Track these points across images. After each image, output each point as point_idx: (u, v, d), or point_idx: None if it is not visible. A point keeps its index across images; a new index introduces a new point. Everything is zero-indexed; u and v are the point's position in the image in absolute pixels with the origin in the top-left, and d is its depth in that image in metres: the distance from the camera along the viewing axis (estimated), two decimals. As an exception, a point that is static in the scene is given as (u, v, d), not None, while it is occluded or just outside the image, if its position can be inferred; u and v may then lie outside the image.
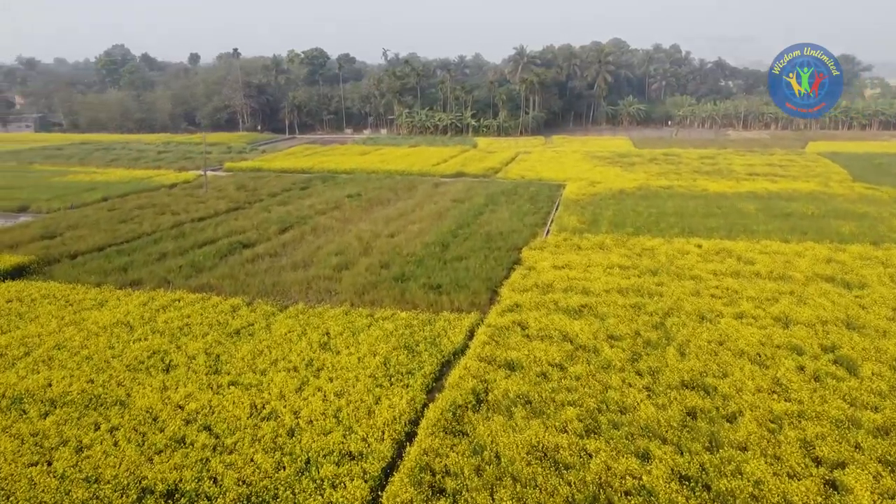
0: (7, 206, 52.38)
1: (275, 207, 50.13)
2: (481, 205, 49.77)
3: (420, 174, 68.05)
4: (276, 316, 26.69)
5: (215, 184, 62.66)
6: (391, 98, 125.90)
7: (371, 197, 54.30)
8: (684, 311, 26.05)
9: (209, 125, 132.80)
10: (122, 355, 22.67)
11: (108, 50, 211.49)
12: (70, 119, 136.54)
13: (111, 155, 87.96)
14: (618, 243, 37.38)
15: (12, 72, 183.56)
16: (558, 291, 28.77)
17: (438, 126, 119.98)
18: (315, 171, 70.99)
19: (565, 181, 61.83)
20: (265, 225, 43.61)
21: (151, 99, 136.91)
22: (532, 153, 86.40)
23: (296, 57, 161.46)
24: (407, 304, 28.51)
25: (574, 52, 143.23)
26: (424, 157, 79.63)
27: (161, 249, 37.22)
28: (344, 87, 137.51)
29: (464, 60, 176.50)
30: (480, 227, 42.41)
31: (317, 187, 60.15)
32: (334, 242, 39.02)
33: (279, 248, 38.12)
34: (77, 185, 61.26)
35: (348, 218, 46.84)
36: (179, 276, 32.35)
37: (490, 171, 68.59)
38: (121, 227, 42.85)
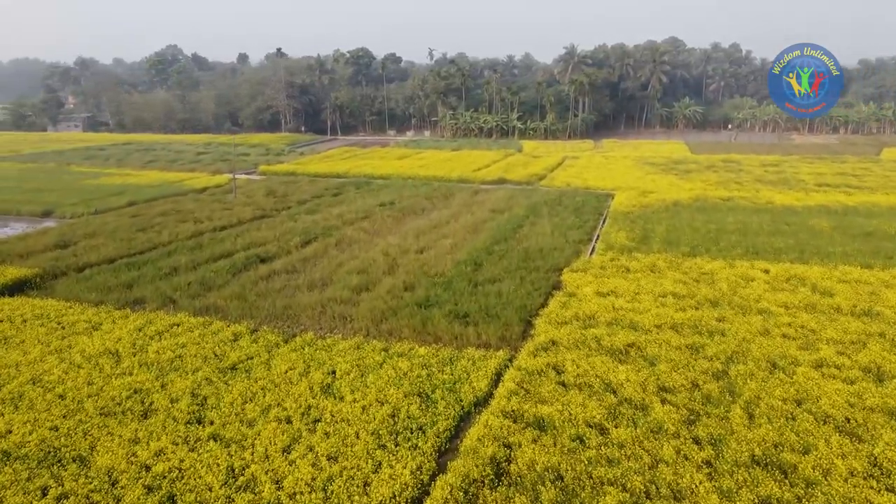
0: (32, 211, 51.47)
1: (302, 216, 47.74)
2: (521, 216, 46.33)
3: (459, 180, 64.93)
4: (279, 348, 23.93)
5: (246, 189, 60.86)
6: (435, 99, 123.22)
7: (404, 206, 51.42)
8: (751, 357, 22.20)
9: (252, 126, 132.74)
10: (99, 394, 20.20)
11: (160, 50, 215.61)
12: (116, 119, 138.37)
13: (149, 156, 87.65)
14: (671, 265, 33.51)
15: (67, 72, 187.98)
16: (602, 325, 25.23)
17: (483, 128, 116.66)
18: (350, 175, 68.64)
19: (614, 190, 57.82)
20: (287, 236, 41.15)
21: (196, 99, 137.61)
22: (580, 158, 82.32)
23: (341, 57, 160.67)
24: (428, 335, 25.42)
25: (627, 51, 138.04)
26: (465, 162, 76.52)
27: (173, 263, 35.06)
28: (388, 88, 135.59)
29: (513, 60, 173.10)
30: (518, 243, 39.02)
31: (349, 194, 57.64)
32: (358, 258, 36.21)
33: (298, 264, 35.52)
34: (107, 189, 60.29)
35: (377, 230, 44.05)
36: (185, 295, 30.00)
37: (534, 177, 65.00)
38: (138, 237, 41.03)
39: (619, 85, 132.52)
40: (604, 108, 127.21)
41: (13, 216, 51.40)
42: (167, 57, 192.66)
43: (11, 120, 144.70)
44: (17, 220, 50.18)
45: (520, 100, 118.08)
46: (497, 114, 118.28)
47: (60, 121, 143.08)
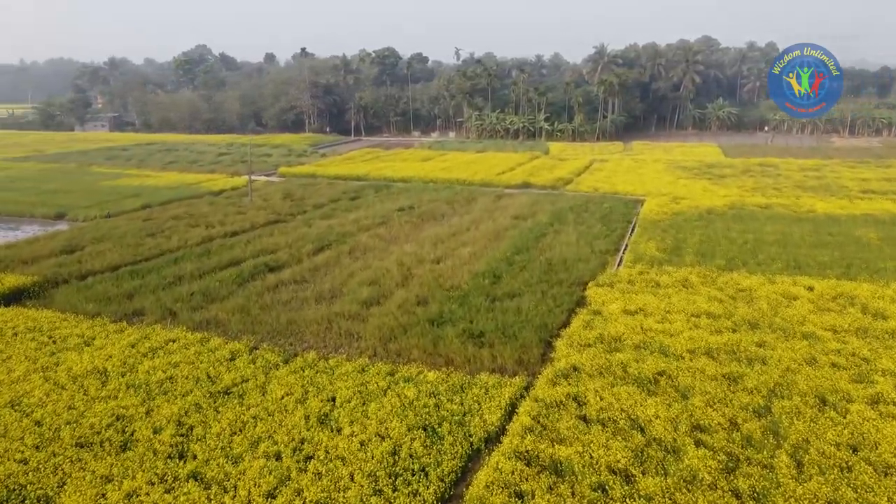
0: (46, 213, 50.82)
1: (317, 221, 46.26)
2: (545, 224, 44.24)
3: (482, 184, 63.00)
4: (278, 369, 22.30)
5: (263, 191, 59.67)
6: (461, 99, 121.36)
7: (424, 211, 49.66)
8: (797, 390, 19.95)
9: (276, 126, 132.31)
10: (79, 421, 18.74)
11: (189, 50, 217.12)
12: (142, 119, 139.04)
13: (171, 157, 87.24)
14: (706, 280, 31.21)
15: (96, 72, 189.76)
16: (629, 349, 23.14)
17: (509, 130, 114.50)
18: (371, 178, 67.13)
19: (644, 196, 55.38)
20: (300, 243, 39.65)
21: (221, 99, 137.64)
22: (608, 161, 79.77)
23: (367, 56, 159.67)
24: (439, 357, 23.59)
25: (659, 50, 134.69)
26: (490, 165, 74.53)
27: (178, 271, 33.73)
28: (413, 88, 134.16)
29: (541, 60, 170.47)
30: (541, 253, 36.99)
31: (367, 198, 56.08)
32: (371, 268, 34.51)
33: (308, 274, 33.95)
34: (124, 191, 59.57)
35: (394, 236, 42.35)
36: (186, 308, 28.58)
37: (560, 182, 62.78)
38: (146, 242, 39.87)
39: (649, 85, 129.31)
40: (634, 110, 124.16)
41: (27, 218, 50.83)
42: (195, 57, 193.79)
43: (40, 120, 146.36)
44: (31, 223, 49.57)
45: (547, 100, 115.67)
46: (524, 115, 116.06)
47: (87, 120, 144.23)
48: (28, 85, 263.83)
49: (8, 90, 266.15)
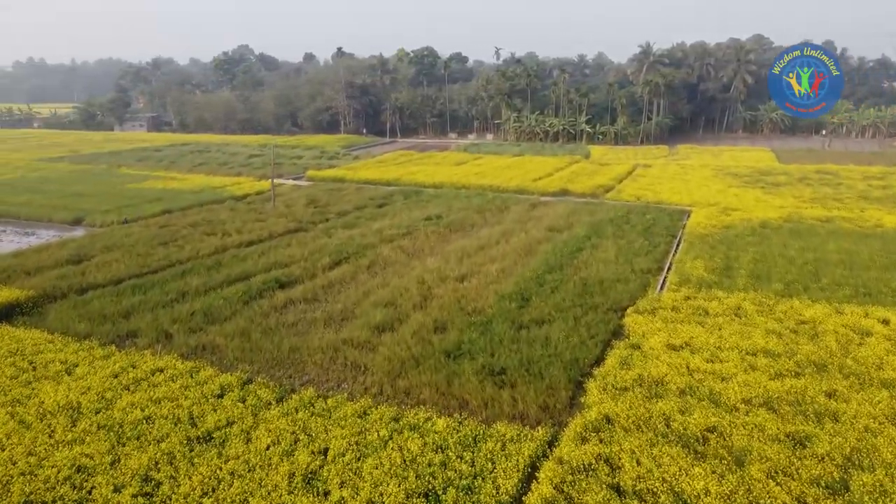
0: (64, 218, 49.77)
1: (338, 231, 43.96)
2: (582, 237, 41.06)
3: (517, 191, 59.97)
4: (269, 409, 19.85)
5: (287, 196, 57.78)
6: (499, 100, 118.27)
7: (452, 220, 46.95)
8: (880, 460, 16.61)
9: (311, 127, 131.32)
10: (34, 472, 16.56)
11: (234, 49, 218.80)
12: (179, 119, 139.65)
13: (201, 158, 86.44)
14: (761, 309, 27.77)
15: (139, 72, 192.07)
16: (672, 395, 20.03)
17: (549, 132, 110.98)
18: (400, 183, 64.73)
19: (691, 206, 51.68)
20: (316, 256, 37.34)
21: (257, 99, 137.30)
22: (652, 167, 75.81)
23: (405, 56, 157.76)
24: (452, 398, 20.88)
25: (708, 49, 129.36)
26: (526, 170, 71.40)
27: (183, 286, 31.72)
28: (451, 89, 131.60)
29: (584, 60, 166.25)
30: (576, 272, 33.92)
31: (395, 205, 53.62)
32: (389, 286, 31.95)
33: (320, 291, 31.59)
34: (146, 194, 58.37)
35: (418, 249, 39.77)
36: (184, 329, 26.45)
37: (600, 189, 59.36)
38: (156, 252, 38.08)
39: (697, 86, 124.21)
40: (680, 111, 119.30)
41: (44, 223, 49.86)
42: (235, 57, 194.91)
43: (81, 119, 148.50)
44: (47, 228, 48.53)
45: (589, 102, 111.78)
46: (564, 117, 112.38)
47: (127, 120, 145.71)
48: (77, 85, 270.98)
49: (58, 89, 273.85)
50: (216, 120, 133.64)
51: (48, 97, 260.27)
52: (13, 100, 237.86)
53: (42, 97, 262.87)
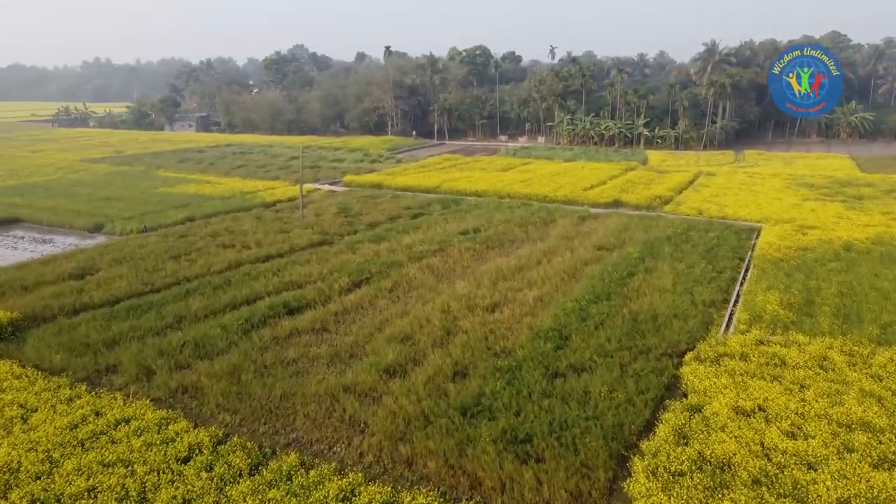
0: (85, 225, 48.02)
1: (364, 245, 40.61)
2: (635, 259, 36.58)
3: (565, 201, 55.58)
4: (238, 482, 16.50)
5: (318, 204, 54.91)
6: (552, 102, 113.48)
7: (490, 235, 43.06)
8: None
9: (358, 128, 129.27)
10: (-67, 565, 13.55)
11: (289, 49, 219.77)
12: (227, 119, 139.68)
13: (241, 160, 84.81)
14: (853, 360, 23.03)
15: (194, 72, 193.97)
16: (742, 488, 15.77)
17: (604, 136, 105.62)
18: (441, 191, 61.14)
19: (761, 222, 46.42)
20: (335, 275, 34.03)
21: (304, 99, 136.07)
22: (716, 176, 70.10)
23: (457, 55, 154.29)
24: (464, 474, 17.11)
25: (779, 47, 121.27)
26: (577, 177, 66.78)
27: (183, 309, 28.84)
28: (502, 89, 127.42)
29: (644, 59, 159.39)
30: (626, 302, 29.62)
31: (431, 216, 50.00)
32: (409, 316, 28.35)
33: (331, 320, 28.22)
34: (175, 199, 56.43)
35: (449, 269, 36.07)
36: (168, 366, 23.44)
37: (657, 201, 54.42)
38: (165, 267, 35.45)
39: (767, 87, 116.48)
40: (748, 114, 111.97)
41: (65, 229, 48.27)
42: (287, 57, 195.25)
43: (133, 119, 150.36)
44: (67, 235, 46.88)
45: (648, 103, 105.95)
46: (621, 119, 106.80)
47: (176, 120, 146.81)
48: (138, 84, 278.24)
49: (120, 89, 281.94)
50: (262, 120, 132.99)
51: (111, 96, 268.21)
52: (78, 99, 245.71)
53: (105, 96, 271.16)
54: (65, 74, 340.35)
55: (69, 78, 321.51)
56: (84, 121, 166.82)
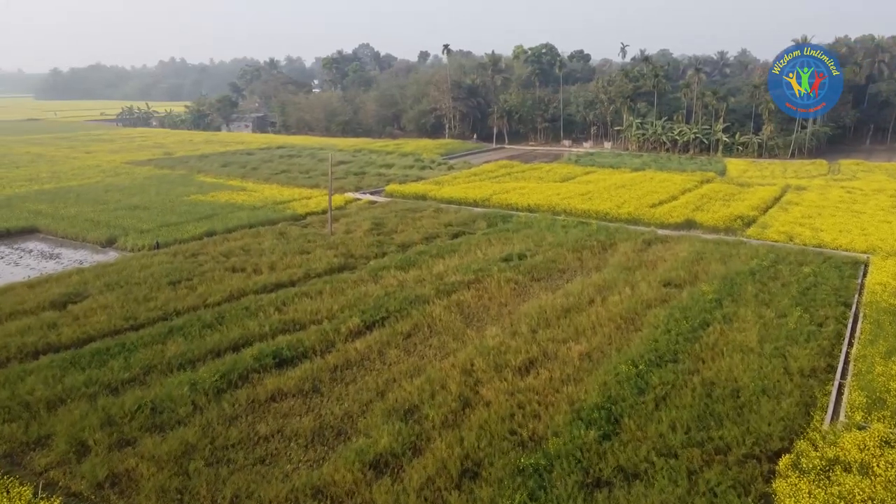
0: (98, 238, 45.03)
1: (390, 273, 35.62)
2: (710, 301, 30.24)
3: (629, 220, 49.21)
4: None
5: (352, 218, 50.37)
6: (620, 104, 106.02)
7: (538, 262, 37.40)
8: None
9: (414, 130, 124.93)
10: None
11: (355, 48, 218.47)
12: (282, 120, 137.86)
13: (286, 165, 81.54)
14: None
15: (258, 71, 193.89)
16: None
17: (677, 142, 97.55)
18: (489, 204, 55.68)
19: (867, 253, 39.13)
20: (347, 313, 29.20)
21: (361, 100, 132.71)
22: (808, 191, 61.98)
23: (521, 53, 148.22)
24: None
25: (880, 43, 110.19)
26: (644, 190, 60.01)
27: (154, 357, 24.53)
28: (567, 90, 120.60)
29: (724, 58, 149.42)
30: (698, 366, 23.61)
31: (473, 236, 44.64)
32: (422, 375, 23.19)
33: (327, 378, 23.37)
34: (202, 209, 53.02)
35: (483, 307, 30.74)
36: (107, 441, 19.06)
37: (737, 221, 47.40)
38: (158, 296, 31.41)
39: (865, 87, 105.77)
40: (843, 118, 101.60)
41: (78, 242, 45.46)
42: (349, 56, 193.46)
43: (191, 119, 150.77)
44: (77, 248, 44.01)
45: (728, 106, 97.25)
46: (697, 124, 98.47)
47: (234, 120, 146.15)
48: (208, 83, 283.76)
49: (191, 88, 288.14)
50: (317, 121, 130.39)
51: (182, 96, 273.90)
52: (153, 98, 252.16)
53: (177, 96, 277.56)
54: (142, 74, 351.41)
55: (145, 77, 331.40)
56: (146, 121, 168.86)
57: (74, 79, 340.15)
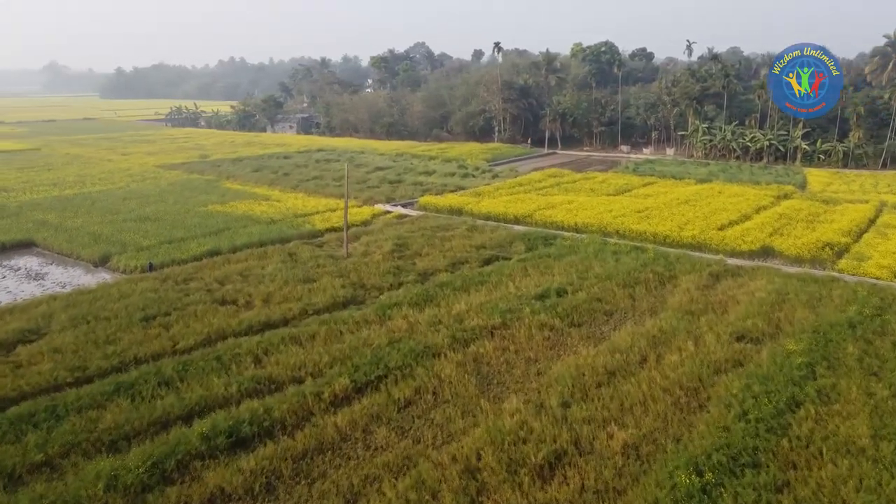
0: (91, 255, 41.33)
1: (402, 311, 30.30)
2: (800, 367, 23.77)
3: (693, 245, 42.66)
4: None
5: (375, 236, 45.34)
6: (685, 107, 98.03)
7: (580, 302, 31.44)
8: None
9: (462, 132, 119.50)
10: None
11: (409, 47, 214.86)
12: (326, 121, 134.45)
13: (319, 170, 77.36)
14: None
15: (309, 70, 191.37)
16: None
17: (749, 149, 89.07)
18: (532, 221, 49.83)
19: None
20: (337, 368, 24.06)
21: (408, 101, 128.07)
22: (907, 209, 53.82)
23: (580, 51, 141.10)
24: None
25: None
26: (711, 207, 52.96)
27: (83, 429, 19.86)
28: (627, 91, 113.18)
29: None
30: (786, 475, 17.49)
31: (507, 263, 38.91)
32: (409, 475, 17.81)
33: (287, 471, 18.26)
34: (213, 223, 48.96)
35: (505, 364, 25.15)
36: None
37: (826, 249, 40.30)
38: (120, 339, 26.92)
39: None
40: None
41: (71, 259, 42.03)
42: (400, 55, 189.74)
43: (237, 119, 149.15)
44: (69, 267, 40.54)
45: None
46: (772, 129, 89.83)
47: (279, 121, 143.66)
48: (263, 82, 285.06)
49: (248, 87, 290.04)
50: (361, 122, 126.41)
51: (239, 95, 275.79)
52: (210, 97, 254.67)
53: (233, 95, 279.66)
54: (202, 73, 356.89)
55: (204, 77, 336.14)
56: (195, 121, 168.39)
57: (137, 78, 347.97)
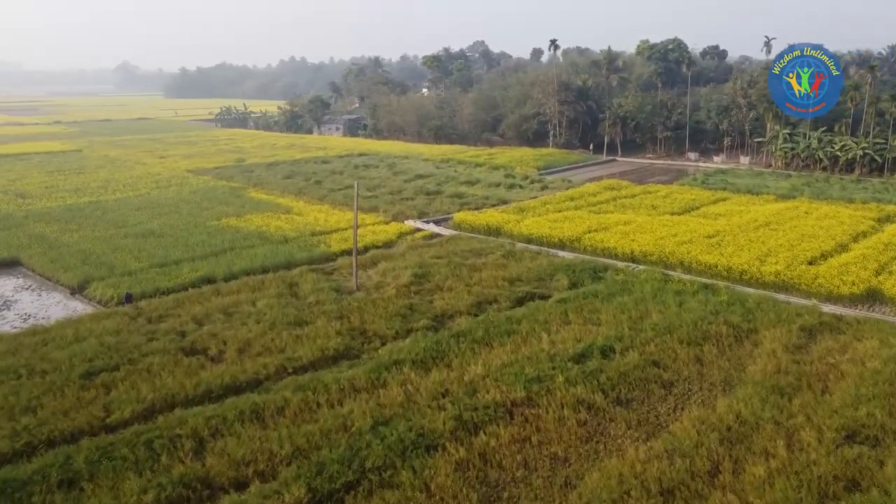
0: (70, 281, 37.16)
1: (401, 373, 24.39)
2: (940, 495, 16.82)
3: (777, 284, 35.31)
4: None
5: (395, 263, 39.55)
6: (763, 110, 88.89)
7: (629, 367, 24.84)
8: None
9: (514, 137, 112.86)
10: None
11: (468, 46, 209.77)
12: (373, 123, 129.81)
13: (351, 179, 71.26)
14: None
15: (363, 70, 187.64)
16: None
17: (838, 159, 79.58)
18: (581, 247, 43.22)
19: None
20: (295, 467, 18.34)
21: (459, 102, 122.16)
22: None
23: (646, 49, 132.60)
24: None
25: None
26: (798, 233, 45.04)
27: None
28: (697, 93, 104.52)
29: None
30: None
31: (544, 305, 32.42)
32: None
33: None
34: (219, 241, 44.23)
35: (520, 468, 19.05)
36: None
37: (949, 296, 32.40)
38: (41, 406, 21.74)
39: None
40: None
41: (51, 283, 38.12)
42: (455, 54, 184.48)
43: (284, 120, 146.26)
44: (44, 293, 36.70)
45: (909, 114, 78.42)
46: (866, 136, 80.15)
47: (325, 122, 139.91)
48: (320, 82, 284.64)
49: (305, 86, 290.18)
50: (408, 125, 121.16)
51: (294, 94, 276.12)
52: (270, 96, 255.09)
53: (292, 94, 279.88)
54: (263, 73, 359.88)
55: (265, 76, 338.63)
56: (244, 121, 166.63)
57: (201, 77, 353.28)
